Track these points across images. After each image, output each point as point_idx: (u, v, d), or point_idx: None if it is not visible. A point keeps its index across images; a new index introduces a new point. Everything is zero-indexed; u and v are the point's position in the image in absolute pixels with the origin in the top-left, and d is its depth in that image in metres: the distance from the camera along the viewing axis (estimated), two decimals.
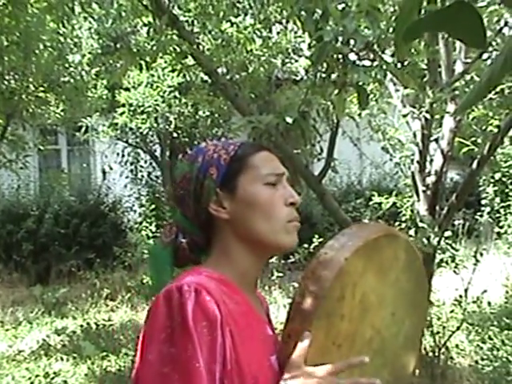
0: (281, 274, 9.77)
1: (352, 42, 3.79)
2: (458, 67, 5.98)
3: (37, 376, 7.05)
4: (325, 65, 4.05)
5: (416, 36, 0.92)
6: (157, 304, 1.62)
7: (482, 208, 10.32)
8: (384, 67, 3.89)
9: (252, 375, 1.63)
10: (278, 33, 11.97)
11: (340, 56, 3.85)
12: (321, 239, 8.81)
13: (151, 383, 1.55)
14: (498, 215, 10.37)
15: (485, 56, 5.88)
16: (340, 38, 3.66)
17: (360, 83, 3.74)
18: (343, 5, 3.90)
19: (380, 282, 1.78)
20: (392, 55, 4.13)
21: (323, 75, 4.15)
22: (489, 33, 5.88)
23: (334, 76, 4.10)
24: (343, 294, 1.68)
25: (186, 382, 1.51)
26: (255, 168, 1.81)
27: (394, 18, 4.43)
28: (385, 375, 1.84)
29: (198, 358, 1.52)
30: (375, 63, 4.09)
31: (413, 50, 4.98)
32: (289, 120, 4.02)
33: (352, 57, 3.96)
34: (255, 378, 1.63)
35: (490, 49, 6.23)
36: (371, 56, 4.12)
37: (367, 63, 4.13)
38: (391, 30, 3.93)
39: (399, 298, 1.85)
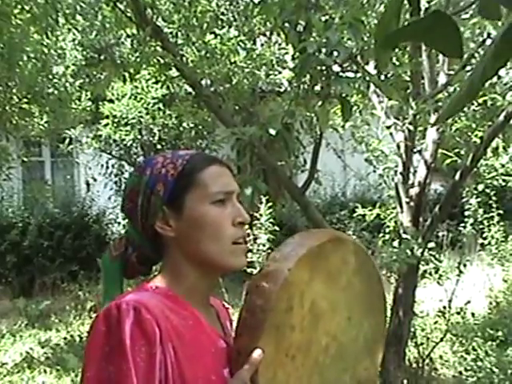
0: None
1: (335, 53, 3.80)
2: (442, 79, 6.01)
3: None
4: (308, 76, 4.06)
5: (394, 45, 0.93)
6: (96, 322, 1.61)
7: (466, 219, 10.33)
8: (367, 79, 3.90)
9: None
10: (262, 45, 12.01)
11: (323, 68, 3.86)
12: None
13: None
14: (481, 226, 10.38)
15: (468, 68, 5.92)
16: (323, 50, 3.67)
17: (343, 95, 3.75)
18: (327, 17, 3.92)
19: (330, 288, 1.76)
20: (375, 67, 4.14)
21: (306, 87, 4.16)
22: (472, 44, 5.92)
23: (317, 88, 4.11)
24: (291, 305, 1.66)
25: None
26: (203, 186, 1.76)
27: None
28: (347, 379, 1.85)
29: (132, 377, 1.51)
30: (358, 75, 4.10)
31: (396, 62, 5.01)
32: (272, 132, 4.02)
33: (335, 68, 3.97)
34: None
35: (474, 61, 6.27)
36: (354, 68, 4.14)
37: (350, 75, 4.15)
38: (374, 41, 3.94)
39: (354, 302, 1.85)
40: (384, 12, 0.96)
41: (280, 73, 12.20)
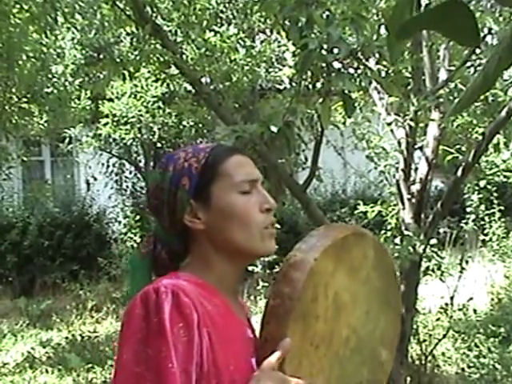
0: (266, 284, 9.74)
1: (336, 50, 3.78)
2: (442, 75, 5.99)
3: None
4: (309, 73, 4.04)
5: (409, 34, 0.91)
6: (134, 305, 1.62)
7: (467, 216, 10.32)
8: (369, 74, 3.88)
9: (230, 377, 1.63)
10: (262, 41, 11.99)
11: (324, 64, 3.84)
12: None
13: (125, 382, 1.55)
14: (482, 223, 10.38)
15: (468, 64, 5.90)
16: (325, 46, 3.65)
17: (345, 91, 3.73)
18: (327, 12, 3.90)
19: (352, 280, 1.79)
20: (376, 63, 4.12)
21: (307, 84, 4.14)
22: None
23: (318, 84, 4.09)
24: (316, 295, 1.69)
25: (158, 382, 1.51)
26: (228, 176, 1.79)
27: (378, 25, 4.43)
28: (364, 373, 1.87)
29: (172, 359, 1.52)
30: (359, 71, 4.08)
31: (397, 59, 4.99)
32: (274, 129, 4.00)
33: (336, 65, 3.95)
34: (233, 380, 1.63)
35: (474, 57, 6.25)
36: (355, 65, 4.11)
37: (351, 72, 4.12)
38: (375, 37, 3.93)
39: (372, 296, 1.87)
40: (397, 1, 0.93)
41: (280, 70, 12.18)
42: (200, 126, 12.99)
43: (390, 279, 1.95)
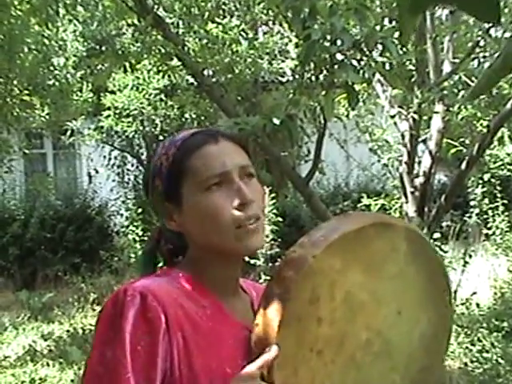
0: (268, 278, 9.70)
1: (339, 42, 3.74)
2: (446, 67, 5.96)
3: (23, 382, 7.00)
4: (312, 65, 4.01)
5: (423, 8, 0.85)
6: (105, 305, 1.57)
7: (471, 209, 10.30)
8: (373, 65, 3.84)
9: (210, 382, 1.54)
10: (265, 33, 11.96)
11: (327, 56, 3.80)
12: None
13: (90, 381, 1.51)
14: (486, 217, 10.35)
15: (472, 56, 5.87)
16: (328, 37, 3.61)
17: (350, 82, 3.69)
18: (331, 2, 3.86)
19: (372, 277, 1.60)
20: (380, 55, 4.08)
21: (310, 75, 4.10)
22: (479, 32, 5.87)
23: (321, 77, 4.06)
24: (317, 296, 1.52)
25: None
26: (194, 173, 1.63)
27: (381, 16, 4.40)
28: (396, 379, 1.69)
29: (127, 366, 1.46)
30: (362, 63, 4.04)
31: (400, 51, 4.95)
32: (276, 121, 3.97)
33: (339, 57, 3.91)
34: None
35: (478, 50, 6.21)
36: (358, 56, 4.08)
37: (354, 63, 4.09)
38: (379, 28, 3.89)
39: (406, 294, 1.67)
40: None
41: (283, 61, 12.15)
42: (202, 118, 12.95)
43: (434, 273, 1.72)
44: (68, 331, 8.95)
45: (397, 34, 3.80)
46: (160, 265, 1.86)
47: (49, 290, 11.65)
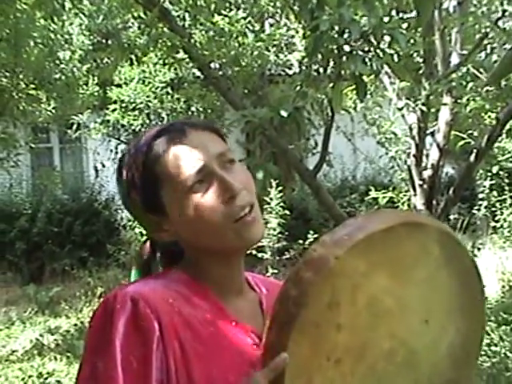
0: (275, 271, 9.70)
1: (347, 33, 3.72)
2: (454, 59, 5.93)
3: (30, 376, 6.99)
4: (320, 56, 3.98)
5: None
6: (97, 311, 1.47)
7: (479, 202, 10.28)
8: (381, 56, 3.81)
9: None
10: (272, 25, 11.93)
11: (335, 47, 3.77)
12: (316, 235, 8.75)
13: None
14: (494, 209, 10.33)
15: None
16: (336, 28, 3.58)
17: (358, 74, 3.66)
18: None
19: (399, 282, 1.45)
20: (388, 46, 4.04)
21: (318, 67, 4.08)
22: (487, 23, 5.83)
23: (329, 68, 4.03)
24: (337, 300, 1.37)
25: None
26: (170, 178, 1.50)
27: (390, 8, 4.37)
28: None
29: (119, 380, 1.37)
30: (370, 55, 4.02)
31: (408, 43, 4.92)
32: (283, 114, 3.93)
33: (346, 48, 3.88)
34: None
35: (486, 41, 6.17)
36: (366, 48, 4.04)
37: (362, 54, 4.06)
38: (387, 19, 3.86)
39: (435, 301, 1.52)
40: None
41: (290, 53, 12.12)
42: (209, 111, 12.93)
43: (468, 280, 1.55)
44: (75, 325, 8.96)
45: (405, 26, 3.77)
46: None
47: (56, 284, 11.68)
